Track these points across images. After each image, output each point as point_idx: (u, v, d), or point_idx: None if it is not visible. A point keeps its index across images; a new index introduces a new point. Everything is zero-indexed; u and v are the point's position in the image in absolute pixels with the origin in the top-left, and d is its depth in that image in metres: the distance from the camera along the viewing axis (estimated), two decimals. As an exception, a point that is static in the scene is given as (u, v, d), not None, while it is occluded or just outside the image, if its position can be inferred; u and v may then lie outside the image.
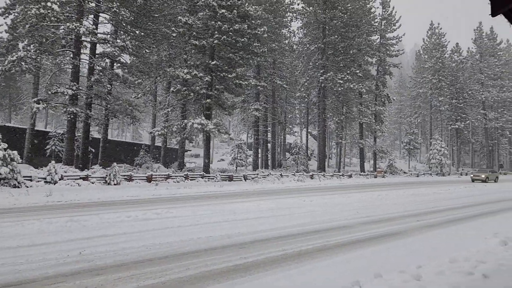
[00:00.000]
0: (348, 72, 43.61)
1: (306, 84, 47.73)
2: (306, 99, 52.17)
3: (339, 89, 43.29)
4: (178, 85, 31.52)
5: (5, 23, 32.43)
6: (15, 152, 19.12)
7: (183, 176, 28.09)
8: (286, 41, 48.01)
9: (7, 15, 30.64)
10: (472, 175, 39.33)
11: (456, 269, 5.74)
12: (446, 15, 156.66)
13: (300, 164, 45.36)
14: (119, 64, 31.49)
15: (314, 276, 5.60)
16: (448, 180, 42.40)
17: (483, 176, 37.75)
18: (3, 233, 8.22)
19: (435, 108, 67.90)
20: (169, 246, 7.37)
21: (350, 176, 41.68)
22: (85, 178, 22.40)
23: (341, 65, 44.42)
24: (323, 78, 43.19)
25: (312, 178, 36.24)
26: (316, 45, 45.11)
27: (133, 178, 24.99)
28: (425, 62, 69.79)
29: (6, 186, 18.16)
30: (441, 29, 68.70)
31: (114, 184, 22.61)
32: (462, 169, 67.12)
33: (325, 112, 45.75)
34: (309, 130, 61.06)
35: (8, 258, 6.29)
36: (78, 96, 27.61)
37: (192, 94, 31.27)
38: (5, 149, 18.52)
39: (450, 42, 75.79)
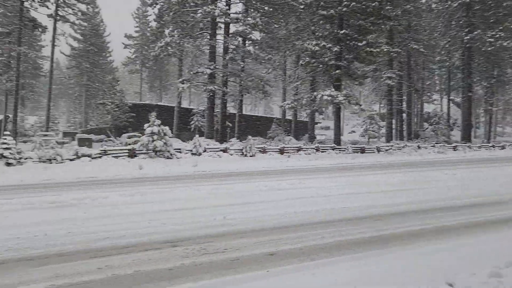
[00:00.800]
0: (501, 28, 37.93)
1: (447, 46, 43.13)
2: (447, 63, 47.28)
3: (489, 49, 38.06)
4: (307, 58, 31.53)
5: (154, 13, 36.37)
6: (167, 127, 21.69)
7: (314, 148, 28.41)
8: (423, 0, 43.82)
9: (155, 5, 34.25)
10: None
11: None
12: None
13: (440, 134, 41.80)
14: (250, 42, 32.83)
15: (458, 254, 5.28)
16: None
17: None
18: (162, 197, 9.55)
19: None
20: (303, 215, 7.68)
21: (503, 147, 36.83)
22: (225, 150, 24.30)
23: (491, 20, 38.83)
24: (468, 37, 38.47)
25: (455, 150, 33.14)
26: (460, 0, 40.17)
27: (266, 150, 26.22)
28: None
29: (161, 157, 20.80)
30: None
31: (250, 156, 24.06)
32: None
33: (471, 76, 40.91)
34: (451, 97, 55.44)
35: (167, 219, 7.31)
36: (215, 75, 29.78)
37: (320, 66, 31.03)
38: (159, 125, 21.14)
39: None
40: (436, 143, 36.16)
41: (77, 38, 53.60)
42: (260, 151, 25.75)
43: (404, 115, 45.69)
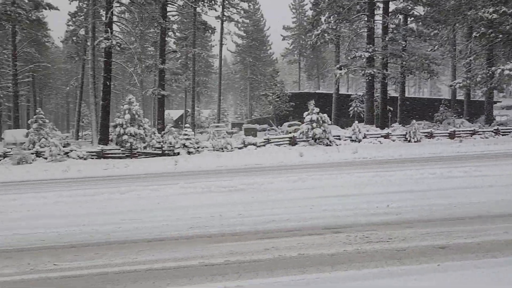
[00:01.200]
0: None
1: None
2: None
3: None
4: (482, 28, 27.64)
5: (310, 1, 36.79)
6: (325, 115, 21.90)
7: (492, 131, 24.94)
8: None
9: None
10: None
11: None
12: None
13: None
14: (412, 18, 30.48)
15: None
16: None
17: None
18: (322, 184, 9.69)
19: None
20: (481, 206, 6.85)
21: None
22: (386, 136, 23.27)
23: None
24: None
25: None
26: None
27: (433, 135, 24.15)
28: None
29: (321, 144, 21.13)
30: None
31: (414, 142, 22.52)
32: None
33: None
34: None
35: (328, 205, 7.39)
36: (374, 57, 28.61)
37: (500, 36, 26.85)
38: (317, 113, 21.47)
39: None
40: None
41: (240, 35, 58.02)
42: (426, 135, 23.87)
43: None
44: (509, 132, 25.11)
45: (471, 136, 24.40)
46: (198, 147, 20.13)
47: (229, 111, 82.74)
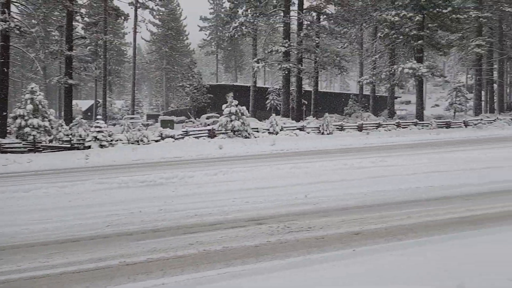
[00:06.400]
0: None
1: (548, 6, 38.26)
2: (548, 25, 42.05)
3: None
4: (385, 29, 29.94)
5: (226, -6, 36.73)
6: (244, 107, 22.12)
7: (394, 124, 27.22)
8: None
9: (227, -14, 34.70)
10: None
11: None
12: None
13: (539, 105, 37.65)
14: (325, 16, 31.96)
15: None
16: None
17: None
18: (243, 176, 9.83)
19: None
20: (386, 194, 7.46)
21: None
22: (301, 128, 24.23)
23: None
24: None
25: (556, 122, 29.77)
26: None
27: (344, 127, 25.67)
28: None
29: (239, 136, 21.32)
30: None
31: (327, 134, 23.74)
32: None
33: None
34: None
35: (249, 197, 7.52)
36: (290, 52, 29.52)
37: (401, 37, 29.33)
38: (236, 105, 21.62)
39: None
40: (534, 116, 32.69)
41: (156, 23, 56.04)
42: (337, 128, 25.28)
43: (495, 85, 41.78)
44: (408, 125, 27.63)
45: (376, 128, 26.39)
46: (111, 140, 19.13)
47: (144, 102, 79.85)
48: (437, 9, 28.35)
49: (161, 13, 54.34)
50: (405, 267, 4.01)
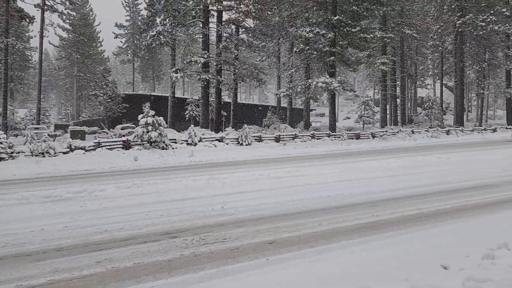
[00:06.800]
0: (492, 12, 37.99)
1: (439, 31, 43.12)
2: (440, 48, 47.29)
3: (480, 32, 38.21)
4: (301, 45, 31.36)
5: (144, 1, 35.86)
6: (161, 118, 21.58)
7: (309, 136, 28.44)
8: (416, -15, 43.58)
9: (146, -7, 33.85)
10: None
11: None
12: None
13: (433, 119, 41.91)
14: (243, 29, 32.58)
15: (452, 237, 5.32)
16: None
17: None
18: (159, 188, 9.53)
19: None
20: (300, 203, 7.70)
21: (494, 130, 37.14)
22: (220, 139, 24.25)
23: (483, 4, 38.83)
24: (460, 22, 38.45)
25: (448, 134, 33.36)
26: (452, -15, 40.05)
27: (262, 138, 26.22)
28: None
29: (156, 148, 20.72)
30: None
31: (246, 145, 24.04)
32: None
33: (462, 60, 41.03)
34: (443, 82, 55.54)
35: (164, 210, 7.30)
36: (209, 64, 29.55)
37: (315, 52, 30.90)
38: (153, 116, 21.02)
39: None
40: (429, 128, 36.33)
41: (66, 28, 52.77)
42: (256, 139, 25.73)
43: (398, 100, 45.78)
44: (322, 136, 29.05)
45: (293, 139, 27.35)
46: (12, 153, 17.44)
47: (52, 111, 74.42)
48: (347, 28, 30.41)
49: (72, 18, 51.39)
50: (316, 273, 4.15)
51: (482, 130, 36.61)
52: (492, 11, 38.04)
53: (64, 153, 18.78)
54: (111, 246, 5.34)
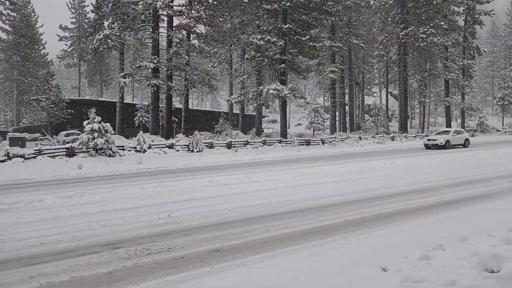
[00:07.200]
0: (432, 25, 40.36)
1: (384, 41, 45.17)
2: (385, 57, 49.57)
3: (421, 44, 40.46)
4: (252, 52, 31.64)
5: (91, 3, 34.65)
6: (108, 124, 20.87)
7: (261, 142, 28.65)
8: (362, -3, 45.42)
9: (92, -5, 32.73)
10: None
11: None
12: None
13: (380, 125, 43.71)
14: (195, 35, 32.35)
15: (393, 239, 5.52)
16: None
17: None
18: (104, 197, 9.17)
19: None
20: (249, 209, 7.69)
21: (435, 136, 39.29)
22: (170, 146, 23.83)
23: (423, 17, 41.17)
24: (403, 33, 40.52)
25: (393, 140, 34.88)
26: (395, -2, 42.15)
27: (213, 145, 26.05)
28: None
29: (103, 155, 19.99)
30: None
31: (197, 152, 23.79)
32: None
33: (406, 70, 43.19)
34: (389, 90, 58.20)
35: (107, 220, 7.01)
36: (159, 69, 29.03)
37: (266, 60, 31.29)
38: (99, 122, 20.27)
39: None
40: (376, 134, 37.86)
41: (5, 29, 49.91)
42: (207, 146, 25.53)
43: (347, 107, 47.32)
44: (273, 142, 29.38)
45: (244, 145, 27.42)
46: None
47: (-10, 117, 69.85)
48: (297, 37, 31.08)
49: (12, 18, 48.73)
50: (260, 280, 4.13)
51: (424, 136, 38.61)
52: (432, 24, 40.42)
53: (1, 161, 17.64)
54: (47, 259, 5.04)
